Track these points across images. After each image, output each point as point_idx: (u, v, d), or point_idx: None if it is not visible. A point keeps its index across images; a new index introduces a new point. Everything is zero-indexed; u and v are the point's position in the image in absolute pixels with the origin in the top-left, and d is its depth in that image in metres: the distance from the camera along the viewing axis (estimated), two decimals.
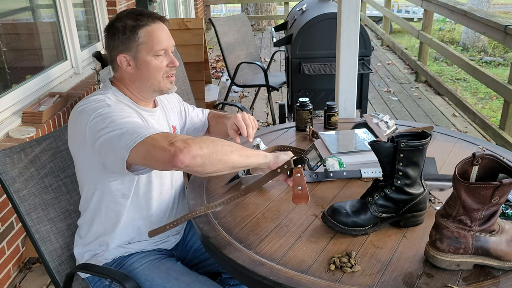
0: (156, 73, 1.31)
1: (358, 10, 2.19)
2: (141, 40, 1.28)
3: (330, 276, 1.06)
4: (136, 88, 1.35)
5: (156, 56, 1.30)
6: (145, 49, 1.28)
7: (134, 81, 1.33)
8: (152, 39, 1.28)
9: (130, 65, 1.30)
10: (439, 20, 9.27)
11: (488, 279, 1.04)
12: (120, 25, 1.28)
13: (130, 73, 1.32)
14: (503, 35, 3.38)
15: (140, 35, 1.27)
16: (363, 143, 1.55)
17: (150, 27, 1.28)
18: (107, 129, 1.17)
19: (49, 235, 1.46)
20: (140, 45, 1.28)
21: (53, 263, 1.46)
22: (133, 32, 1.27)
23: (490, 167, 1.04)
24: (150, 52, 1.29)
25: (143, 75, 1.31)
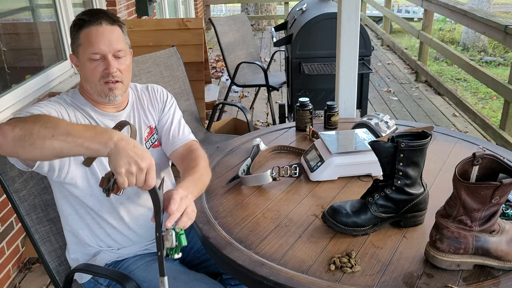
0: (92, 76, 1.27)
1: (358, 10, 2.19)
2: (80, 41, 1.26)
3: (330, 276, 1.06)
4: (86, 87, 1.33)
5: (90, 60, 1.25)
6: (83, 50, 1.26)
7: (83, 81, 1.32)
8: (88, 42, 1.24)
9: (77, 65, 1.30)
10: (439, 20, 9.27)
11: (488, 279, 1.04)
12: (73, 23, 1.28)
13: (80, 73, 1.32)
14: (503, 35, 3.38)
15: (80, 35, 1.25)
16: (363, 143, 1.54)
17: (89, 29, 1.25)
18: None
19: (48, 236, 1.46)
20: (80, 46, 1.26)
21: (53, 263, 1.46)
22: (76, 32, 1.26)
23: (490, 167, 1.04)
24: (85, 55, 1.25)
25: (83, 75, 1.30)
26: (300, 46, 3.36)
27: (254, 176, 1.46)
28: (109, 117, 1.34)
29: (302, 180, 1.51)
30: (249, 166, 1.56)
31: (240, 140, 1.82)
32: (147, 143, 1.44)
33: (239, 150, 1.74)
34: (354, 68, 2.27)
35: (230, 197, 1.42)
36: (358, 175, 1.52)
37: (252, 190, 1.46)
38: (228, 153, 1.73)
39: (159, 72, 2.56)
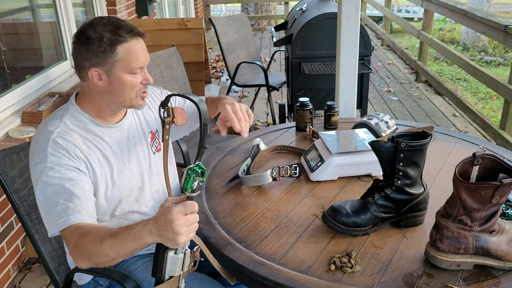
0: (129, 91, 1.25)
1: (358, 10, 2.19)
2: (118, 57, 1.20)
3: (330, 276, 1.06)
4: (104, 102, 1.28)
5: (131, 74, 1.23)
6: (121, 66, 1.21)
7: (103, 95, 1.26)
8: (130, 57, 1.21)
9: (102, 79, 1.22)
10: (440, 20, 9.27)
11: (488, 279, 1.04)
12: (95, 36, 1.18)
13: (100, 87, 1.24)
14: (503, 35, 3.38)
15: (118, 51, 1.19)
16: (363, 143, 1.54)
17: (129, 43, 1.20)
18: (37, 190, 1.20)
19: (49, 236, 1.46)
20: (117, 62, 1.20)
21: (53, 264, 1.46)
22: (111, 47, 1.19)
23: (490, 167, 1.04)
24: (126, 70, 1.22)
25: (115, 91, 1.24)
26: (300, 46, 3.36)
27: (254, 176, 1.46)
28: (108, 129, 1.32)
29: (302, 180, 1.51)
30: (249, 166, 1.56)
31: (240, 140, 1.82)
32: (152, 148, 1.43)
33: (239, 150, 1.74)
34: (354, 68, 2.27)
35: (230, 197, 1.42)
36: (358, 175, 1.52)
37: (252, 190, 1.46)
38: (228, 153, 1.73)
39: (159, 72, 2.56)
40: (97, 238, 1.08)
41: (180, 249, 1.03)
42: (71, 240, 1.12)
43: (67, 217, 1.14)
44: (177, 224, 0.97)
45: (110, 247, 1.06)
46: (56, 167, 1.18)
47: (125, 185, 1.33)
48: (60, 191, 1.16)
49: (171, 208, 0.98)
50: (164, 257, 1.02)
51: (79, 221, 1.14)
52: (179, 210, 0.98)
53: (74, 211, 1.15)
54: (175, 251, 1.02)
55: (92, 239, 1.09)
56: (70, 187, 1.17)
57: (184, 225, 0.98)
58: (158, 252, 1.02)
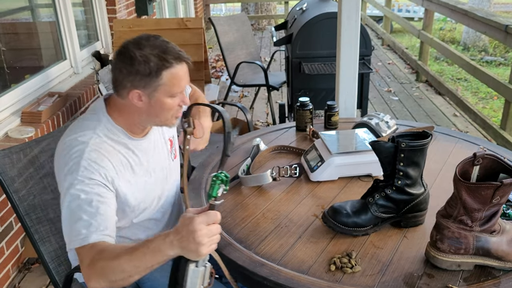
0: (167, 112, 1.25)
1: (359, 10, 2.19)
2: (163, 81, 1.18)
3: (330, 277, 1.06)
4: (139, 120, 1.27)
5: (171, 97, 1.23)
6: (164, 90, 1.20)
7: (140, 114, 1.25)
8: (174, 82, 1.20)
9: (141, 100, 1.21)
10: (440, 20, 9.27)
11: (489, 280, 1.04)
12: (142, 59, 1.16)
13: (138, 107, 1.23)
14: (504, 34, 3.37)
15: (163, 76, 1.18)
16: (363, 143, 1.54)
17: (175, 69, 1.19)
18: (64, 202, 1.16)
19: (48, 236, 1.46)
20: (160, 86, 1.19)
21: (52, 264, 1.45)
22: (156, 72, 1.17)
23: (491, 167, 1.04)
24: (167, 94, 1.21)
25: (153, 112, 1.24)
26: (300, 46, 3.36)
27: (254, 176, 1.46)
28: (139, 142, 1.31)
29: (302, 180, 1.51)
30: (249, 166, 1.55)
31: (240, 140, 1.82)
32: (171, 155, 1.43)
33: (239, 150, 1.74)
34: (355, 68, 2.27)
35: (230, 197, 1.42)
36: (358, 175, 1.51)
37: (252, 190, 1.46)
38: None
39: None
40: (114, 255, 1.05)
41: (201, 262, 1.00)
42: (86, 259, 1.09)
43: (87, 234, 1.10)
44: (199, 234, 0.95)
45: (128, 262, 1.02)
46: (86, 180, 1.15)
47: (150, 194, 1.34)
48: (86, 206, 1.13)
49: (194, 218, 0.97)
50: (185, 270, 0.99)
51: (98, 240, 1.10)
52: (201, 220, 0.96)
53: (96, 230, 1.11)
54: (196, 264, 0.99)
55: (108, 255, 1.06)
56: (96, 203, 1.14)
57: (207, 236, 0.96)
58: (178, 265, 1.00)
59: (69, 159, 1.18)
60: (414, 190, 1.20)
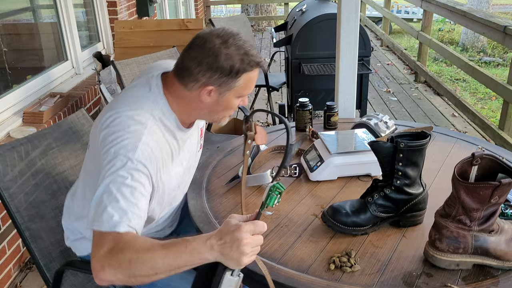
0: (228, 111, 1.23)
1: (358, 11, 2.20)
2: (239, 83, 1.15)
3: (330, 276, 1.07)
4: (197, 113, 1.23)
5: (239, 98, 1.21)
6: (236, 91, 1.17)
7: (202, 109, 1.20)
8: (247, 85, 1.18)
9: (210, 96, 1.17)
10: (439, 21, 9.27)
11: (487, 279, 1.05)
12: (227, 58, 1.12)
13: (203, 102, 1.18)
14: (502, 35, 3.38)
15: (241, 78, 1.15)
16: (362, 143, 1.55)
17: (252, 73, 1.17)
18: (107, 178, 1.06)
19: (39, 233, 1.45)
20: (234, 87, 1.16)
21: (44, 260, 1.44)
22: (237, 74, 1.14)
23: (489, 167, 1.04)
24: (237, 95, 1.19)
25: (216, 109, 1.21)
26: (300, 47, 3.37)
27: (254, 176, 1.47)
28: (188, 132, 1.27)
29: (302, 180, 1.52)
30: (249, 166, 1.56)
31: (240, 140, 1.82)
32: (198, 145, 1.41)
33: (239, 150, 1.74)
34: (354, 69, 2.28)
35: (230, 197, 1.42)
36: (357, 175, 1.52)
37: (252, 190, 1.47)
38: (228, 153, 1.73)
39: None
40: (146, 247, 0.97)
41: (237, 271, 0.96)
42: (106, 246, 0.99)
43: (119, 222, 1.01)
44: (244, 243, 0.91)
45: (162, 258, 0.94)
46: (139, 166, 1.07)
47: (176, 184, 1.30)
48: (128, 194, 1.05)
49: (241, 226, 0.93)
50: (221, 277, 0.94)
51: (127, 231, 1.01)
52: (249, 229, 0.93)
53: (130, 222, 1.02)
54: (232, 273, 0.95)
55: (139, 247, 0.97)
56: (139, 195, 1.06)
57: (251, 246, 0.93)
58: (213, 271, 0.95)
59: (124, 135, 1.09)
60: (413, 190, 1.21)
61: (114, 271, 0.96)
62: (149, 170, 1.09)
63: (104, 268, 0.96)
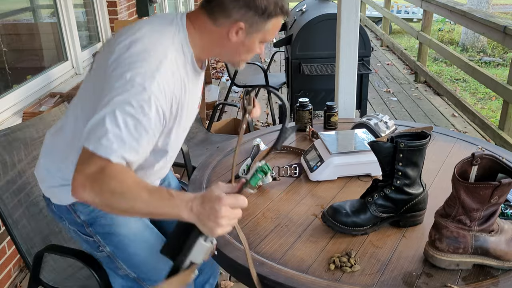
0: (249, 55, 1.22)
1: (358, 11, 2.20)
2: (267, 26, 1.15)
3: (330, 276, 1.07)
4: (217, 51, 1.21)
5: (261, 43, 1.21)
6: (262, 34, 1.17)
7: (224, 47, 1.18)
8: (273, 31, 1.18)
9: (238, 35, 1.14)
10: (439, 21, 9.28)
11: (487, 279, 1.05)
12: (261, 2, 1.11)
13: (228, 40, 1.15)
14: (502, 35, 3.39)
15: (271, 22, 1.15)
16: (362, 143, 1.55)
17: (280, 19, 1.18)
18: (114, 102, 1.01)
19: (22, 220, 1.49)
20: (262, 30, 1.16)
21: (25, 246, 1.48)
22: (268, 17, 1.13)
23: (489, 167, 1.04)
24: (261, 39, 1.18)
25: (238, 50, 1.19)
26: (300, 47, 3.37)
27: None
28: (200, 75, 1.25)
29: (302, 180, 1.52)
30: (249, 166, 1.56)
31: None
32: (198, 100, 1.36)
33: (240, 151, 1.74)
34: (354, 69, 2.28)
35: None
36: (357, 175, 1.52)
37: None
38: (228, 153, 1.73)
39: None
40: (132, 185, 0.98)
41: (210, 238, 1.00)
42: (94, 167, 0.97)
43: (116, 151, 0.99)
44: (222, 215, 0.94)
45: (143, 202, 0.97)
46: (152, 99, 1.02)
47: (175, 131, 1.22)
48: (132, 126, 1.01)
49: (222, 198, 0.94)
50: (194, 241, 0.98)
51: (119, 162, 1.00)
52: (229, 202, 0.95)
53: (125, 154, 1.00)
54: (205, 239, 0.99)
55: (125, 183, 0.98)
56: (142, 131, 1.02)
57: (228, 218, 0.95)
58: (187, 234, 0.98)
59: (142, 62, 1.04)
60: (413, 190, 1.21)
61: (94, 195, 0.97)
62: (161, 105, 1.05)
63: (86, 188, 0.97)
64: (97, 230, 1.29)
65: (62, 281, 1.53)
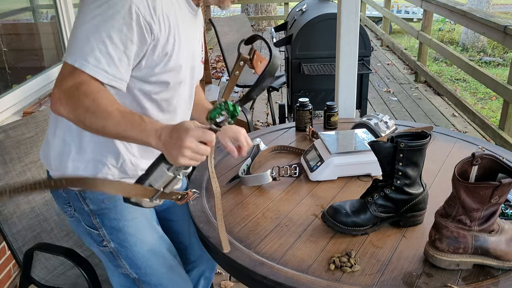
0: None
1: (358, 11, 2.20)
2: None
3: (330, 276, 1.07)
4: None
5: None
6: None
7: None
8: None
9: None
10: (439, 21, 9.28)
11: (487, 279, 1.04)
12: None
13: None
14: (502, 35, 3.38)
15: None
16: (362, 143, 1.55)
17: None
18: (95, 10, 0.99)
19: (12, 217, 1.49)
20: None
21: (16, 244, 1.49)
22: None
23: (489, 167, 1.04)
24: None
25: None
26: (300, 47, 3.37)
27: (254, 176, 1.47)
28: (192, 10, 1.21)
29: (302, 180, 1.51)
30: (249, 166, 1.56)
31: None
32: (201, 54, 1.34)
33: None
34: (354, 69, 2.28)
35: (230, 197, 1.42)
36: (357, 175, 1.52)
37: (252, 190, 1.47)
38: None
39: None
40: (106, 105, 0.98)
41: (174, 169, 1.00)
42: (72, 81, 0.99)
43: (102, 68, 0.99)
44: (186, 145, 0.95)
45: (114, 123, 0.98)
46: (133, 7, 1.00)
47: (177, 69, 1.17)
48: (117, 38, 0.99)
49: (189, 129, 0.96)
50: (157, 165, 1.00)
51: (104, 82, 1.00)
52: (195, 134, 0.96)
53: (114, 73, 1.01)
54: (169, 168, 1.00)
55: (100, 101, 0.98)
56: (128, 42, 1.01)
57: (192, 150, 0.96)
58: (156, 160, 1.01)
59: None
60: (413, 190, 1.21)
61: (69, 110, 0.99)
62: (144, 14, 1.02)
63: (62, 102, 0.99)
64: (104, 222, 1.27)
65: (54, 279, 1.54)
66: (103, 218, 1.27)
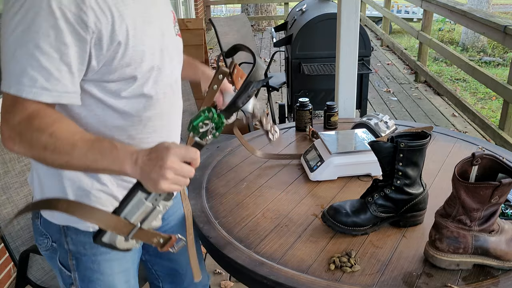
0: None
1: (358, 11, 2.20)
2: None
3: (330, 276, 1.07)
4: None
5: None
6: None
7: None
8: None
9: None
10: (439, 21, 9.28)
11: (487, 279, 1.04)
12: None
13: None
14: (502, 35, 3.38)
15: None
16: (362, 143, 1.55)
17: None
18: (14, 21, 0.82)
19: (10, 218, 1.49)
20: None
21: (13, 244, 1.50)
22: None
23: (489, 167, 1.04)
24: None
25: None
26: (300, 47, 3.37)
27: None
28: None
29: (302, 180, 1.51)
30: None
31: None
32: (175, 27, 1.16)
33: (239, 150, 1.74)
34: (354, 69, 2.28)
35: (230, 197, 1.42)
36: (357, 175, 1.52)
37: (252, 190, 1.47)
38: (228, 153, 1.73)
39: None
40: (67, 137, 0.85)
41: (153, 198, 0.87)
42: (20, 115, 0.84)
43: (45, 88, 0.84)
44: (168, 166, 0.82)
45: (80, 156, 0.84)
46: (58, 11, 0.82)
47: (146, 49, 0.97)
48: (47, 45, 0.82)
49: (170, 148, 0.83)
50: (133, 194, 0.86)
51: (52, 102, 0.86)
52: (178, 152, 0.84)
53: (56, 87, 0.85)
54: (147, 197, 0.86)
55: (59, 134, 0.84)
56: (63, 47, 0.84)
57: (174, 171, 0.83)
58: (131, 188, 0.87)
59: None
60: (413, 190, 1.21)
61: (24, 150, 0.86)
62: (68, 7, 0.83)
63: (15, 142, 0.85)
64: (79, 267, 1.11)
65: (50, 280, 1.54)
66: (79, 263, 1.11)
